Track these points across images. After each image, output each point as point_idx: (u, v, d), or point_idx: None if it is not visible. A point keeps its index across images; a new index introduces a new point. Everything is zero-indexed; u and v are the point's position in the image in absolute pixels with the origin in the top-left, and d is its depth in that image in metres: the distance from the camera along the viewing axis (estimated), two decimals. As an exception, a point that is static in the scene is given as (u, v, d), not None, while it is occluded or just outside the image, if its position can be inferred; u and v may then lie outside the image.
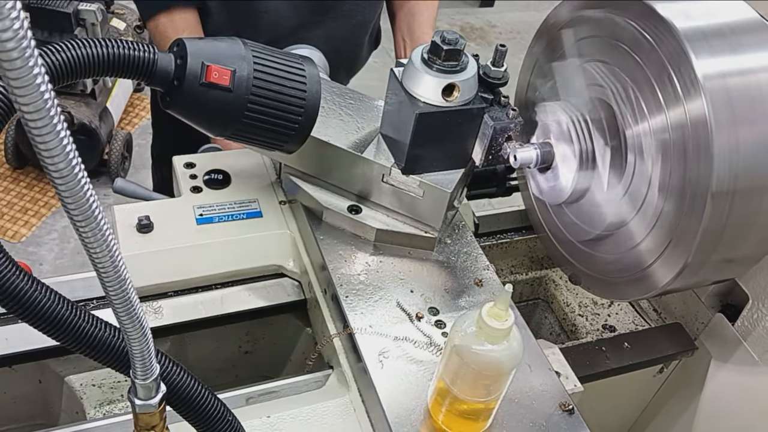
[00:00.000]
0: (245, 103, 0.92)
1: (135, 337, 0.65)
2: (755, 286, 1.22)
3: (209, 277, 1.18)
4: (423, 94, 1.04)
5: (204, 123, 0.95)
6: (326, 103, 1.17)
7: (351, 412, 1.02)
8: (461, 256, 1.17)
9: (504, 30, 5.38)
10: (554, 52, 1.23)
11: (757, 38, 1.01)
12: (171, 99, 0.90)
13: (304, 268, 1.19)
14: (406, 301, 1.09)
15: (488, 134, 1.07)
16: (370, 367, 0.99)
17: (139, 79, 0.85)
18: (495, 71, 1.08)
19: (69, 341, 0.70)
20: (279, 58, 0.96)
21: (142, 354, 0.68)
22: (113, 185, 1.30)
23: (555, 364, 1.13)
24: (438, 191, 1.11)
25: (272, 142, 0.99)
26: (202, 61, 0.87)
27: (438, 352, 1.02)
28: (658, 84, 1.00)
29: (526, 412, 0.98)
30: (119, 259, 0.58)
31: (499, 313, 0.83)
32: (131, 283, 0.61)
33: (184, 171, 1.26)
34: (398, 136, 1.10)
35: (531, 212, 1.40)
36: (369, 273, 1.12)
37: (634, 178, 1.06)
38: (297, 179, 1.19)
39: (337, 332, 1.09)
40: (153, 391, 0.72)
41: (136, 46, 0.82)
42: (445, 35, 1.02)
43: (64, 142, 0.48)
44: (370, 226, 1.15)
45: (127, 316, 0.63)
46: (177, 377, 0.76)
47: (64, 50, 0.70)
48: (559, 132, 1.14)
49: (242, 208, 1.22)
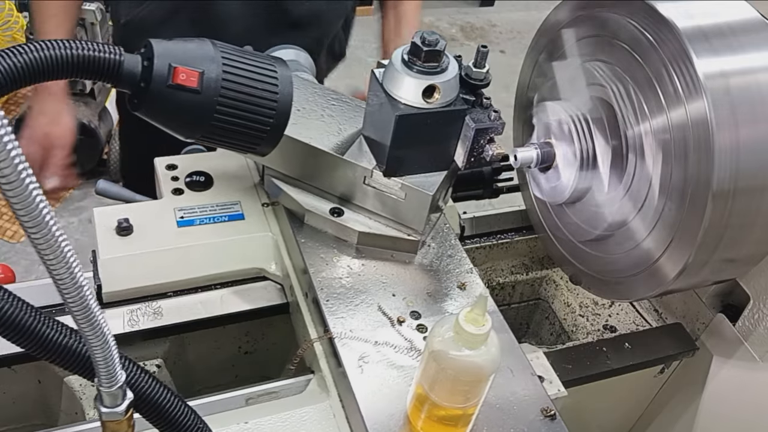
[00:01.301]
0: (214, 105, 0.90)
1: (97, 344, 0.64)
2: (756, 286, 1.21)
3: (189, 281, 1.17)
4: (403, 95, 1.03)
5: (172, 125, 0.94)
6: (308, 104, 1.16)
7: (331, 418, 1.01)
8: (444, 259, 1.16)
9: (504, 30, 5.38)
10: (554, 51, 1.23)
11: (757, 38, 1.01)
12: (138, 101, 0.89)
13: (286, 272, 1.18)
14: (388, 305, 1.07)
15: (470, 136, 1.05)
16: (350, 372, 0.98)
17: (105, 81, 0.83)
18: (477, 72, 1.06)
19: (33, 347, 0.69)
20: (250, 60, 0.94)
21: (106, 361, 0.66)
22: (95, 187, 1.29)
23: (539, 368, 1.12)
24: (420, 193, 1.10)
25: (244, 145, 0.98)
26: (170, 62, 0.86)
27: (419, 357, 1.01)
28: (659, 83, 1.00)
29: (508, 418, 0.96)
30: (75, 266, 0.57)
31: (476, 318, 0.82)
32: (90, 290, 0.60)
33: (166, 173, 1.25)
34: (379, 137, 1.09)
35: (531, 212, 1.40)
36: (351, 276, 1.10)
37: (635, 177, 1.06)
38: (279, 181, 1.18)
39: (317, 336, 1.08)
40: (119, 398, 0.71)
41: (102, 48, 0.80)
42: (425, 36, 1.01)
43: (8, 147, 0.47)
44: (352, 229, 1.14)
45: (87, 323, 0.62)
46: (145, 384, 0.75)
47: (25, 53, 0.69)
48: (559, 132, 1.14)
49: (224, 211, 1.21)
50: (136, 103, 0.90)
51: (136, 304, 1.16)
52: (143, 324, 1.14)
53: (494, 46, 5.17)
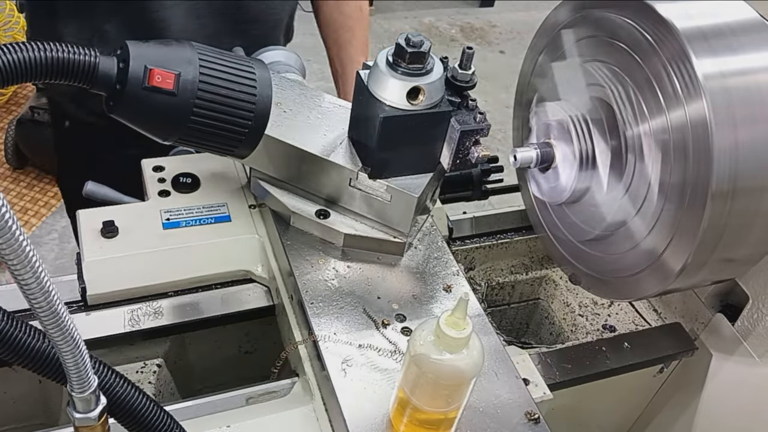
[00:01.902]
0: (191, 108, 0.90)
1: (67, 349, 0.64)
2: (755, 286, 1.22)
3: (175, 283, 1.16)
4: (388, 97, 1.02)
5: (149, 128, 0.93)
6: (295, 105, 1.15)
7: (314, 422, 1.01)
8: (431, 262, 1.16)
9: (504, 30, 5.37)
10: (554, 52, 1.23)
11: (757, 38, 1.01)
12: (114, 104, 0.88)
13: (273, 274, 1.17)
14: (373, 307, 1.07)
15: (455, 138, 1.05)
16: (333, 376, 0.98)
17: (80, 84, 0.83)
18: (462, 74, 1.06)
19: (3, 351, 0.68)
20: (228, 62, 0.93)
21: (77, 366, 0.66)
22: (84, 189, 1.28)
23: (524, 371, 1.12)
24: (405, 195, 1.09)
25: (222, 147, 0.97)
26: (145, 64, 0.85)
27: (403, 360, 1.01)
28: (658, 84, 1.00)
29: (491, 422, 0.96)
30: (40, 269, 0.56)
31: (456, 322, 0.82)
32: (57, 294, 0.59)
33: (153, 174, 1.24)
34: (365, 139, 1.08)
35: (531, 212, 1.40)
36: (336, 279, 1.10)
37: (634, 178, 1.07)
38: (265, 183, 1.18)
39: (302, 339, 1.08)
40: (92, 403, 0.70)
41: (77, 50, 0.80)
42: (410, 37, 1.00)
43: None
44: (338, 231, 1.13)
45: (56, 329, 0.61)
46: (119, 389, 0.74)
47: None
48: (559, 132, 1.15)
49: (211, 212, 1.21)
50: (112, 106, 0.89)
51: (136, 303, 1.15)
52: (144, 324, 1.14)
53: (494, 46, 5.16)
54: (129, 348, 1.20)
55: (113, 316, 1.13)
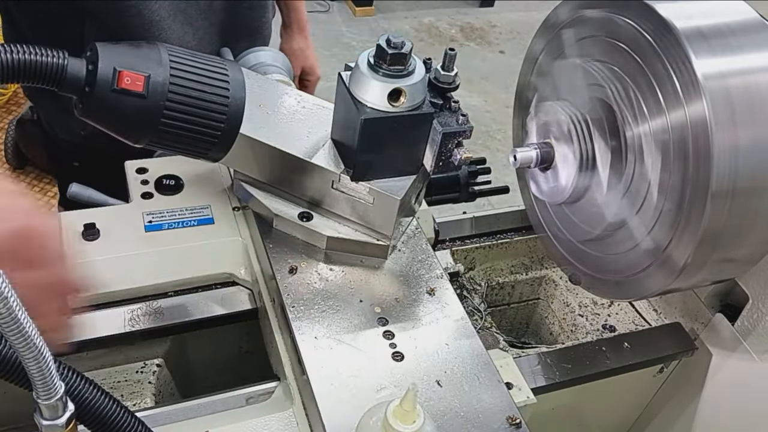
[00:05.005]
0: (161, 110, 0.88)
1: (30, 356, 0.63)
2: (755, 286, 1.21)
3: (156, 286, 1.15)
4: (369, 99, 1.01)
5: (119, 131, 0.92)
6: (277, 106, 1.15)
7: (294, 426, 1.00)
8: (415, 265, 1.15)
9: (504, 30, 5.36)
10: (554, 52, 1.22)
11: (757, 38, 1.00)
12: (83, 106, 0.87)
13: (255, 277, 1.17)
14: (355, 311, 1.06)
15: (437, 140, 1.04)
16: (312, 380, 0.97)
17: (48, 86, 0.82)
18: (445, 75, 1.05)
19: None
20: (200, 63, 0.92)
21: (42, 372, 0.65)
22: (68, 191, 1.28)
23: (508, 375, 1.11)
24: (388, 198, 1.08)
25: (195, 150, 0.96)
26: (114, 66, 0.84)
27: (384, 364, 1.00)
28: (658, 84, 0.99)
29: (472, 427, 0.94)
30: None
31: (405, 414, 0.77)
32: (15, 298, 0.58)
33: (136, 176, 1.23)
34: (347, 141, 1.07)
35: (531, 212, 1.39)
36: (318, 282, 1.09)
37: (634, 178, 1.06)
38: (248, 186, 1.17)
39: (283, 343, 1.07)
40: (59, 410, 0.69)
41: (45, 51, 0.79)
42: (391, 39, 0.99)
43: None
44: (320, 234, 1.12)
45: (17, 335, 0.60)
46: (88, 394, 0.73)
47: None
48: (559, 132, 1.14)
49: (194, 215, 1.20)
50: (82, 108, 0.88)
51: (136, 303, 1.15)
52: (143, 324, 1.14)
53: (494, 46, 5.15)
54: (129, 348, 1.20)
55: (113, 316, 1.13)
